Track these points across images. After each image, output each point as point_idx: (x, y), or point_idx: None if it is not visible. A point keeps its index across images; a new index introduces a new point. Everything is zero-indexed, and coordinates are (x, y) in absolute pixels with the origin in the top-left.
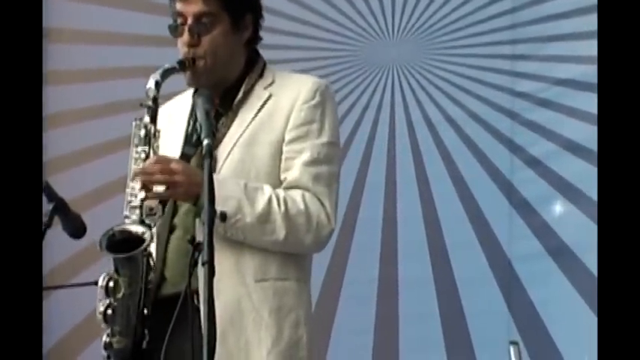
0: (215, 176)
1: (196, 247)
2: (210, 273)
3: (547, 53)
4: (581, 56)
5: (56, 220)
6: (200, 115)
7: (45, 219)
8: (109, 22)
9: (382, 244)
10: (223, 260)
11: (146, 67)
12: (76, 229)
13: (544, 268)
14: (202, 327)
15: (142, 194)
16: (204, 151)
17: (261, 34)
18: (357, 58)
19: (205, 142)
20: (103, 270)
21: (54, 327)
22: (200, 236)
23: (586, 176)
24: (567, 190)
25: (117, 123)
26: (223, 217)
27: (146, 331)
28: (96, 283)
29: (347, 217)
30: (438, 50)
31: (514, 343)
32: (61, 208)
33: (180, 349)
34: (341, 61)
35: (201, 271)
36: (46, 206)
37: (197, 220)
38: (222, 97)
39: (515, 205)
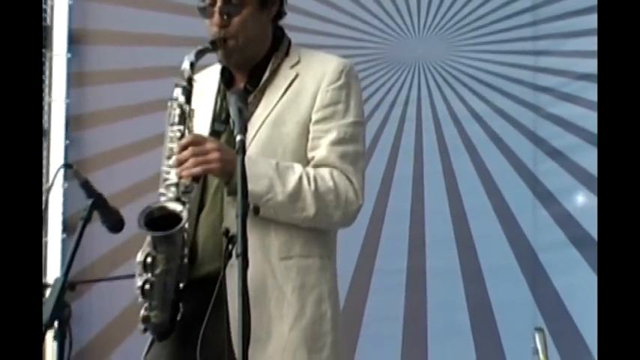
0: (247, 155)
1: (230, 239)
2: (244, 265)
3: (568, 49)
4: None
5: (95, 215)
6: (233, 112)
7: (84, 214)
8: (143, 24)
9: (410, 235)
10: (249, 238)
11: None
12: (115, 223)
13: (568, 257)
14: (231, 313)
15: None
16: (237, 147)
17: (289, 33)
18: (384, 55)
19: (238, 138)
20: None
21: (94, 319)
22: (234, 228)
23: None
24: (589, 181)
25: (153, 121)
26: (256, 210)
27: (180, 305)
28: (135, 276)
29: (376, 210)
30: (462, 47)
31: (539, 329)
32: (100, 203)
33: (212, 333)
34: (369, 59)
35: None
36: (85, 202)
37: (225, 199)
38: (250, 74)
39: (539, 196)
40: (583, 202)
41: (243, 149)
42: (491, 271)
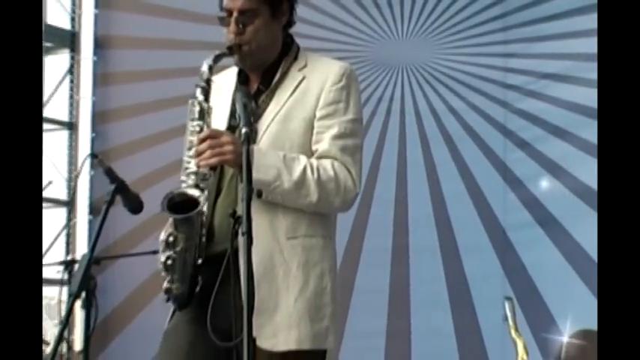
0: (258, 147)
1: (237, 220)
2: (249, 242)
3: (535, 51)
4: (563, 53)
5: (118, 199)
6: (239, 107)
7: (108, 198)
8: (161, 30)
9: (395, 218)
10: (259, 220)
11: (193, 68)
12: (135, 206)
13: (534, 235)
14: (242, 285)
15: (197, 161)
16: (242, 139)
17: None
18: (371, 57)
19: (243, 130)
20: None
21: (117, 290)
22: (240, 210)
23: (569, 156)
24: (553, 168)
25: (169, 116)
26: (259, 194)
27: (199, 278)
28: (153, 253)
29: (364, 196)
30: (441, 50)
31: (508, 298)
32: (122, 188)
33: (226, 303)
34: (358, 60)
35: (241, 239)
36: (109, 187)
37: (239, 186)
38: (262, 76)
39: (508, 181)
40: (547, 187)
41: (247, 140)
42: (466, 248)
